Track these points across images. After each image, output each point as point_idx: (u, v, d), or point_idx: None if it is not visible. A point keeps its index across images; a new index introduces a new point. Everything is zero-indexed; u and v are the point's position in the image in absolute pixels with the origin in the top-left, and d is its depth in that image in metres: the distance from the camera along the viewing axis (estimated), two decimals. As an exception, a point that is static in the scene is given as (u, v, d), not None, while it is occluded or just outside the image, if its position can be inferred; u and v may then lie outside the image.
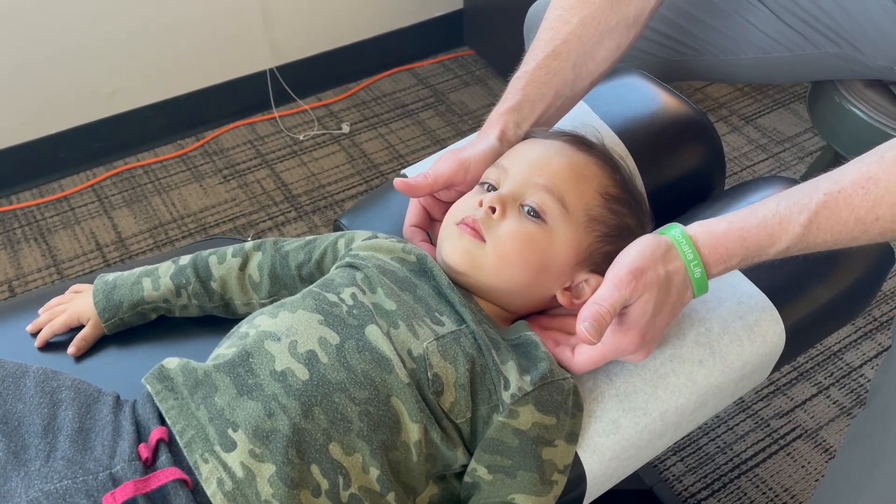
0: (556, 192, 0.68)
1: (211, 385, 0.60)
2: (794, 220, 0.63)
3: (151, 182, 1.83)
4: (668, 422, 0.69)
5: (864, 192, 0.61)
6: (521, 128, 0.79)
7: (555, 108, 0.81)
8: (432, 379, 0.61)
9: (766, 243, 0.64)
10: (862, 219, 0.62)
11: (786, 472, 1.30)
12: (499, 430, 0.62)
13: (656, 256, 0.64)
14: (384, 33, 2.10)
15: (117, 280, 0.74)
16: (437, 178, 0.74)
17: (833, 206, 0.62)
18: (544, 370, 0.63)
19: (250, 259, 0.74)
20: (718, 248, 0.65)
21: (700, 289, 0.66)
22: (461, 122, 1.98)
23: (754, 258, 0.65)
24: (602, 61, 0.82)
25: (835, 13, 0.96)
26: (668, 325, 0.67)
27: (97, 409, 0.62)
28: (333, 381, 0.60)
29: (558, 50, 0.80)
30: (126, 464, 0.57)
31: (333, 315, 0.64)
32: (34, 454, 0.58)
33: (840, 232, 0.63)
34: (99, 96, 1.80)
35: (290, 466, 0.56)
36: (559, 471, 0.64)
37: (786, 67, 1.03)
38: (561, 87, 0.80)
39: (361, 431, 0.59)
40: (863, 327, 1.51)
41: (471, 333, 0.64)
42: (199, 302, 0.74)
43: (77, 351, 0.73)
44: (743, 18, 1.00)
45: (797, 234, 0.63)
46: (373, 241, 0.72)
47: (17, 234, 1.71)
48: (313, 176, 1.84)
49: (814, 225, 0.63)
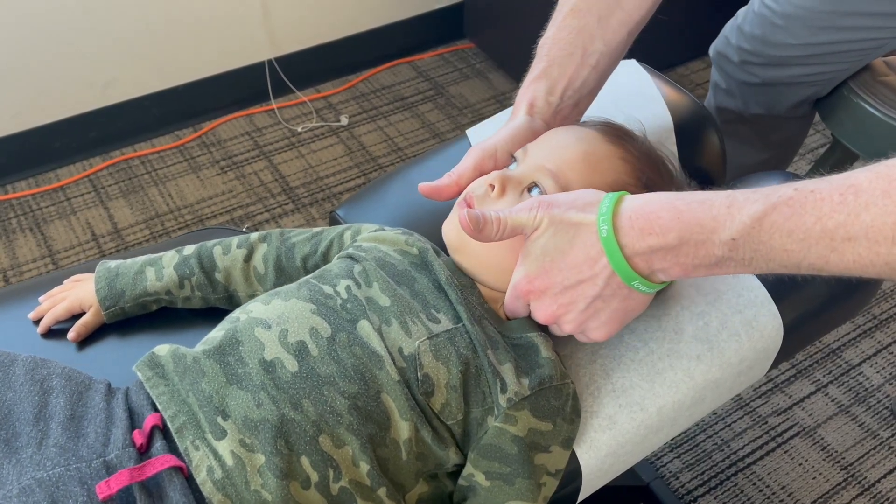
0: (562, 181, 0.66)
1: (199, 371, 0.60)
2: (746, 207, 0.53)
3: (148, 173, 1.82)
4: (665, 417, 0.68)
5: (840, 199, 0.50)
6: (554, 94, 0.74)
7: (589, 67, 0.75)
8: (422, 379, 0.60)
9: (709, 225, 0.54)
10: (830, 232, 0.50)
11: (783, 469, 1.30)
12: (497, 437, 0.61)
13: (577, 203, 0.59)
14: (384, 25, 2.08)
15: (120, 268, 0.73)
16: (462, 175, 0.71)
17: (798, 205, 0.51)
18: (543, 375, 0.62)
19: (255, 250, 0.73)
20: (645, 215, 0.57)
21: (611, 252, 0.57)
22: (460, 116, 1.97)
23: (697, 241, 0.55)
24: (634, 8, 0.76)
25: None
26: (575, 290, 0.59)
27: (89, 397, 0.61)
28: (323, 375, 0.59)
29: (577, 7, 0.76)
30: (120, 451, 0.57)
31: (327, 306, 0.63)
32: (25, 441, 0.57)
33: (802, 241, 0.51)
34: (96, 86, 1.79)
35: (278, 457, 0.56)
36: (549, 473, 0.63)
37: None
38: (589, 44, 0.75)
39: (351, 425, 0.58)
40: (862, 325, 1.51)
41: (466, 333, 0.62)
42: (202, 293, 0.73)
43: (77, 337, 0.73)
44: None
45: (745, 226, 0.53)
46: (378, 233, 0.71)
47: (12, 223, 1.70)
48: (311, 168, 1.83)
49: (768, 220, 0.52)
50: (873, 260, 0.49)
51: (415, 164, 0.93)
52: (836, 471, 1.30)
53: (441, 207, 0.85)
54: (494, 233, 0.61)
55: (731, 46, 1.11)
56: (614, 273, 0.58)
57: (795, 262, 0.53)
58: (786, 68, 1.05)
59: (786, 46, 1.02)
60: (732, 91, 1.14)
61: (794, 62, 1.04)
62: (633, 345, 0.69)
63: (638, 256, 0.57)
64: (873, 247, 0.49)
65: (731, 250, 0.54)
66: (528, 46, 0.81)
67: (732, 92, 1.14)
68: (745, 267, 0.55)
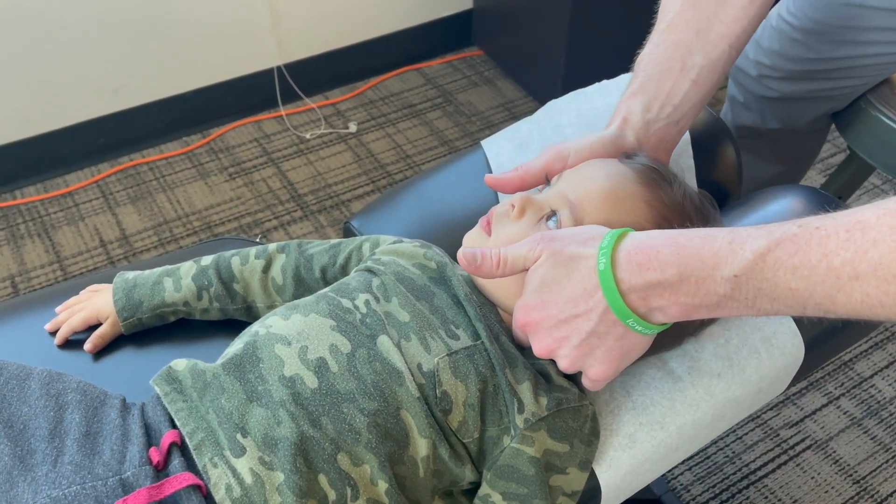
0: (578, 213, 0.64)
1: (219, 387, 0.59)
2: (748, 243, 0.51)
3: (156, 179, 1.82)
4: (685, 436, 0.68)
5: (847, 237, 0.48)
6: (651, 110, 0.73)
7: (690, 82, 0.73)
8: (440, 397, 0.59)
9: (710, 261, 0.52)
10: (836, 270, 0.48)
11: (795, 482, 1.29)
12: (514, 457, 0.60)
13: (579, 237, 0.58)
14: (392, 32, 2.08)
15: (137, 279, 0.73)
16: (528, 171, 0.70)
17: (803, 241, 0.49)
18: (560, 396, 0.61)
19: (274, 261, 0.73)
20: (644, 250, 0.55)
21: (606, 286, 0.55)
22: (469, 123, 1.97)
23: (698, 278, 0.53)
24: (734, 20, 0.74)
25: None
26: (570, 324, 0.58)
27: (104, 413, 0.60)
28: (342, 391, 0.58)
29: (674, 23, 0.74)
30: (137, 469, 0.56)
31: (346, 322, 0.62)
32: (41, 459, 0.56)
33: (807, 278, 0.49)
34: (104, 92, 1.78)
35: (297, 475, 0.55)
36: (566, 494, 0.62)
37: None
38: (687, 58, 0.73)
39: (370, 443, 0.57)
40: (874, 337, 1.50)
41: (485, 351, 0.61)
42: (220, 304, 0.72)
43: (94, 348, 0.72)
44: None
45: (748, 262, 0.51)
46: (396, 245, 0.70)
47: (20, 229, 1.70)
48: (319, 175, 1.83)
49: (772, 257, 0.50)
50: (882, 300, 0.47)
51: (428, 175, 0.92)
52: (849, 484, 1.29)
53: (454, 220, 0.85)
54: (495, 269, 0.60)
55: (748, 60, 1.10)
56: (609, 309, 0.56)
57: (801, 302, 0.50)
58: (804, 83, 1.04)
59: (804, 61, 1.02)
60: (750, 105, 1.13)
61: (813, 77, 1.03)
62: (653, 362, 0.69)
63: (635, 293, 0.55)
64: (882, 285, 0.47)
65: (734, 288, 0.52)
66: (536, 53, 0.80)
67: (750, 106, 1.13)
68: (749, 308, 0.53)
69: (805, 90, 1.05)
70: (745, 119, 1.15)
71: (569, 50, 1.82)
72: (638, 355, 0.60)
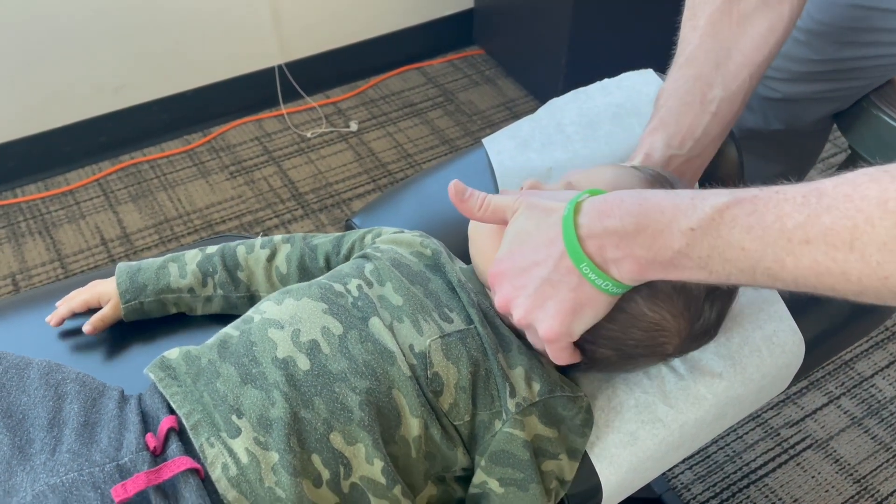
0: None
1: (213, 372, 0.60)
2: (710, 199, 0.52)
3: (157, 177, 1.82)
4: (687, 434, 0.68)
5: (803, 200, 0.49)
6: (672, 145, 0.73)
7: (710, 115, 0.73)
8: (431, 378, 0.60)
9: (670, 213, 0.53)
10: (788, 232, 0.48)
11: (795, 482, 1.29)
12: (508, 442, 0.61)
13: (559, 196, 0.60)
14: (394, 31, 2.08)
15: (142, 264, 0.74)
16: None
17: (761, 202, 0.50)
18: (553, 382, 0.62)
19: (279, 251, 0.74)
20: (608, 199, 0.56)
21: (566, 230, 0.56)
22: (470, 122, 1.97)
23: (655, 230, 0.53)
24: (754, 49, 0.74)
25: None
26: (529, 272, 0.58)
27: (102, 403, 0.61)
28: (334, 372, 0.59)
29: (692, 56, 0.74)
30: (133, 454, 0.56)
31: (338, 305, 0.63)
32: (39, 448, 0.57)
33: (761, 238, 0.50)
34: (106, 90, 1.79)
35: (291, 454, 0.56)
36: (558, 480, 0.63)
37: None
38: (707, 91, 0.73)
39: (363, 421, 0.58)
40: (874, 336, 1.50)
41: (478, 335, 0.62)
42: (224, 292, 0.73)
43: (93, 329, 0.72)
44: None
45: (706, 215, 0.51)
46: (396, 235, 0.72)
47: (21, 227, 1.70)
48: (320, 174, 1.83)
49: (729, 213, 0.51)
50: (830, 267, 0.48)
51: (429, 173, 0.92)
52: (849, 483, 1.29)
53: (455, 218, 0.84)
54: (477, 208, 0.62)
55: None
56: (565, 253, 0.56)
57: (752, 265, 0.51)
58: (808, 84, 1.04)
59: (808, 62, 1.02)
60: (752, 106, 1.13)
61: (817, 78, 1.03)
62: (655, 360, 0.69)
63: (592, 238, 0.55)
64: (830, 251, 0.47)
65: (689, 244, 0.52)
66: (537, 53, 0.79)
67: (752, 107, 1.13)
68: (702, 269, 0.53)
69: (809, 91, 1.05)
70: (748, 120, 1.15)
71: (570, 49, 1.82)
72: (591, 318, 0.59)
